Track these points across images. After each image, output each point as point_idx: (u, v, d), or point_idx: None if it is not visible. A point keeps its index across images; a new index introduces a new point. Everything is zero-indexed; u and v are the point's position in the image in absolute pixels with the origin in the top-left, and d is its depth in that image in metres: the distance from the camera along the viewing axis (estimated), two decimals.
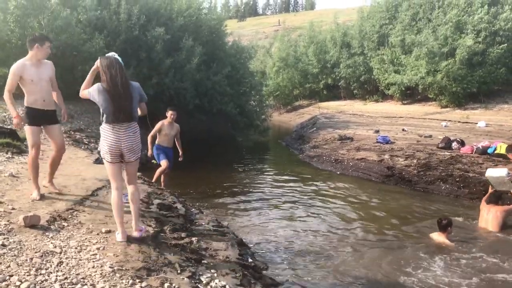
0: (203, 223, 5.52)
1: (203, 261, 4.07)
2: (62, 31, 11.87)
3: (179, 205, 5.89)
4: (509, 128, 15.18)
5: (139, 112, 4.15)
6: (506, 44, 18.66)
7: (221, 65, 16.32)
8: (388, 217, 7.42)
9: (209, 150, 14.37)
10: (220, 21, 17.79)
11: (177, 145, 8.29)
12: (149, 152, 8.07)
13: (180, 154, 8.29)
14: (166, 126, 8.08)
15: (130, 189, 4.02)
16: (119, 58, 3.89)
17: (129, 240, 3.72)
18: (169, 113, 8.13)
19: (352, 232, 6.58)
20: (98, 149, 4.52)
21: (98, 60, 3.87)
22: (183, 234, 4.65)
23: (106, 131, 3.85)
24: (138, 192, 4.11)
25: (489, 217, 6.98)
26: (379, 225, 6.96)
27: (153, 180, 7.64)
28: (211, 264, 4.10)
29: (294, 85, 31.11)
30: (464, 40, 18.69)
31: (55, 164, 4.81)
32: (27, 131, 4.56)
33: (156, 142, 8.09)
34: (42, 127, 4.66)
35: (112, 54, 3.94)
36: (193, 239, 4.62)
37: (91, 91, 3.83)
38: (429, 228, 6.44)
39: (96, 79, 4.00)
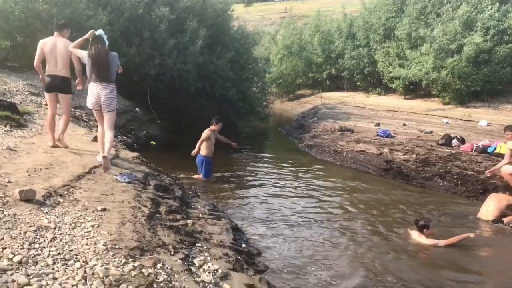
0: (199, 206, 5.52)
1: (197, 244, 4.08)
2: (66, 6, 11.74)
3: (176, 187, 5.89)
4: None
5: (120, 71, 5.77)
6: None
7: (225, 50, 16.17)
8: (382, 211, 7.42)
9: None
10: (226, 5, 17.56)
11: (224, 141, 8.97)
12: (199, 150, 8.57)
13: (233, 143, 9.11)
14: (212, 136, 8.59)
15: (107, 132, 5.51)
16: (104, 35, 5.39)
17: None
18: (219, 125, 8.76)
19: (345, 224, 6.59)
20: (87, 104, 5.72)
21: (90, 33, 5.43)
22: (178, 216, 4.66)
23: (90, 87, 5.40)
24: (112, 136, 5.56)
25: (490, 202, 7.07)
26: (372, 218, 6.97)
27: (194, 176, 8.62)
28: (205, 247, 4.11)
29: (298, 73, 30.91)
30: (472, 37, 18.51)
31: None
32: None
33: (205, 153, 8.56)
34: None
35: (100, 31, 5.45)
36: (188, 221, 4.63)
37: (83, 55, 5.42)
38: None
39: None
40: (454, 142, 11.86)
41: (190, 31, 14.84)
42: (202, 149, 8.53)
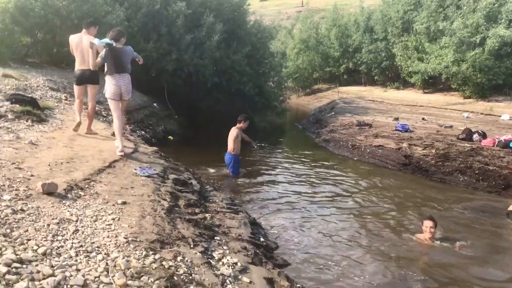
0: (216, 200, 5.54)
1: (215, 238, 4.10)
2: (84, 2, 11.86)
3: (194, 181, 5.91)
4: None
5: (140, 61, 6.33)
6: None
7: (242, 44, 16.15)
8: (400, 206, 7.33)
9: (226, 130, 14.37)
10: None
11: (247, 139, 8.95)
12: (231, 148, 8.54)
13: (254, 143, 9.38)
14: (240, 133, 8.61)
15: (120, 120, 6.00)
16: (109, 41, 5.75)
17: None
18: (246, 123, 8.72)
19: (363, 218, 6.54)
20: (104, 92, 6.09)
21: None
22: (197, 210, 4.68)
23: (110, 80, 5.81)
24: (123, 120, 6.46)
25: None
26: (391, 213, 6.91)
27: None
28: (224, 241, 4.11)
29: (314, 68, 30.70)
30: (496, 29, 18.05)
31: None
32: None
33: (235, 152, 8.56)
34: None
35: (106, 40, 5.78)
36: (207, 215, 4.64)
37: (101, 54, 5.82)
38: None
39: None
40: (475, 136, 11.62)
41: (207, 26, 14.85)
42: (233, 147, 8.49)
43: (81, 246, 2.81)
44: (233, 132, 8.53)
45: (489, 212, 7.17)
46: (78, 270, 2.50)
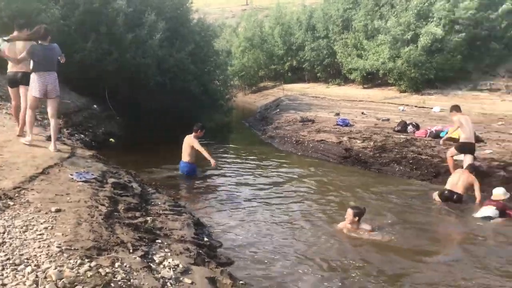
0: (159, 203, 5.49)
1: (157, 241, 4.07)
2: None
3: (135, 184, 5.82)
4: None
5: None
6: (464, 33, 19.30)
7: (185, 43, 15.97)
8: (338, 196, 7.68)
9: (171, 130, 14.20)
10: None
11: (206, 155, 8.35)
12: (187, 158, 8.31)
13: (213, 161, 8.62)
14: (197, 143, 8.26)
15: (52, 121, 6.12)
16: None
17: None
18: (203, 132, 8.47)
19: (305, 210, 6.77)
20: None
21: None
22: (137, 214, 4.62)
23: (35, 78, 5.85)
24: (57, 124, 6.26)
25: (461, 176, 7.50)
26: (330, 203, 7.23)
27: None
28: (166, 243, 4.10)
29: (260, 66, 30.94)
30: (429, 27, 19.16)
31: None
32: None
33: (191, 161, 8.28)
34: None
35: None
36: (148, 218, 4.60)
37: (28, 51, 5.85)
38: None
39: None
40: (410, 128, 12.29)
41: (148, 25, 14.54)
42: (191, 156, 8.22)
43: (8, 259, 2.70)
44: (189, 140, 8.22)
45: (421, 199, 7.67)
46: (4, 285, 2.40)
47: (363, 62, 21.26)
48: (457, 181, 7.51)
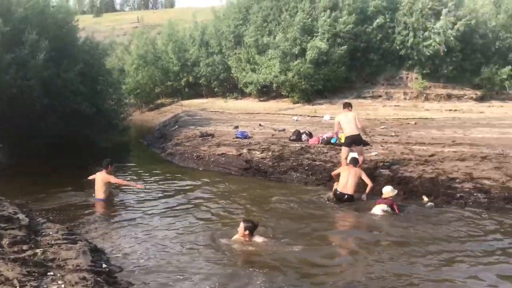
0: (51, 233, 5.14)
1: (49, 273, 3.82)
2: None
3: (21, 216, 5.37)
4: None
5: None
6: (346, 46, 21.16)
7: (73, 62, 15.12)
8: (240, 209, 7.84)
9: (64, 155, 13.30)
10: (69, 15, 16.46)
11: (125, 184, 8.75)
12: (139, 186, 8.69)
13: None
14: (111, 177, 8.24)
15: None
16: None
17: None
18: (113, 166, 8.45)
19: (208, 225, 6.84)
20: None
21: None
22: (25, 247, 4.29)
23: None
24: None
25: (350, 177, 8.05)
26: (231, 215, 7.39)
27: None
28: (59, 275, 3.87)
29: (155, 83, 30.40)
30: (314, 42, 20.65)
31: None
32: None
33: (108, 195, 8.14)
34: None
35: None
36: (38, 250, 4.30)
37: None
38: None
39: None
40: (304, 137, 13.07)
41: (30, 44, 13.51)
42: (106, 193, 8.08)
43: None
44: (103, 177, 8.11)
45: (316, 204, 8.18)
46: None
47: (257, 76, 22.13)
48: (345, 182, 8.13)
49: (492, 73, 20.35)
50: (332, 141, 12.36)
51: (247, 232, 5.77)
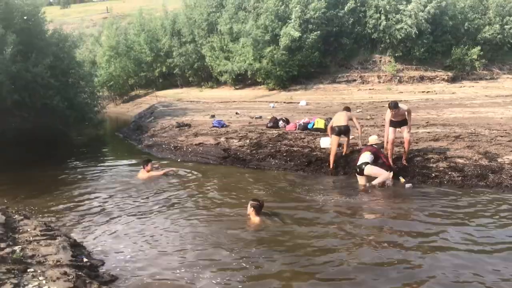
0: (28, 229, 5.05)
1: (28, 270, 3.78)
2: None
3: None
4: (325, 105, 17.46)
5: None
6: (318, 31, 21.23)
7: (42, 55, 14.70)
8: (221, 194, 7.91)
9: (38, 151, 13.01)
10: (36, 7, 15.91)
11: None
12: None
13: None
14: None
15: None
16: None
17: None
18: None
19: (186, 213, 6.85)
20: None
21: None
22: (2, 245, 4.21)
23: None
24: None
25: (342, 115, 9.39)
26: (211, 202, 7.42)
27: None
28: (39, 271, 3.83)
29: (128, 74, 29.86)
30: (287, 29, 20.64)
31: None
32: None
33: None
34: None
35: None
36: (16, 248, 4.22)
37: None
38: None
39: None
40: (281, 123, 13.13)
41: None
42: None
43: None
44: (143, 175, 9.21)
45: (298, 187, 8.28)
46: None
47: (231, 65, 22.02)
48: (339, 118, 9.42)
49: (462, 54, 20.84)
50: (309, 126, 12.46)
51: (253, 210, 6.21)
